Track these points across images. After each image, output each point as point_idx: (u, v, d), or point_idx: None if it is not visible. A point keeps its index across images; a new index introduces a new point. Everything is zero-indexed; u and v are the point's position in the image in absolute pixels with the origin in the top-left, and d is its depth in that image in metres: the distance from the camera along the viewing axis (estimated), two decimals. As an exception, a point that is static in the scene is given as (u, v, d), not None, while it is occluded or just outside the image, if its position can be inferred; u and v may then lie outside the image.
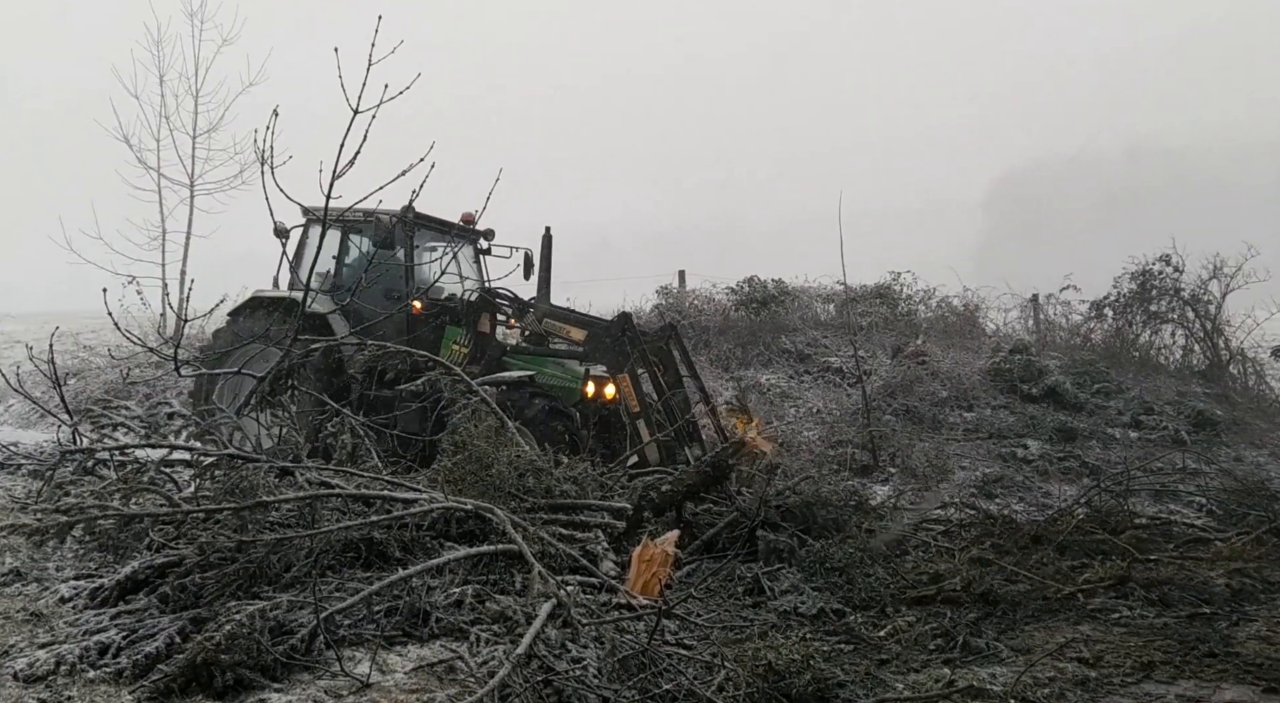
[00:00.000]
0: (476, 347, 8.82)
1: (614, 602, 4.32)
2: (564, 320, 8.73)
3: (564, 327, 8.63)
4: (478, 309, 8.97)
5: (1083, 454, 10.55)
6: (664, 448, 7.59)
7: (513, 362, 8.63)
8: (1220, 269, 14.42)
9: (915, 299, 16.95)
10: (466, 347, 8.87)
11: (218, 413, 6.71)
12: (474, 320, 8.93)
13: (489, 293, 9.16)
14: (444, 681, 3.38)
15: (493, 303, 9.05)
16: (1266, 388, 14.30)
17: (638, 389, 7.81)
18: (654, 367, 8.10)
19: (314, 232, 9.46)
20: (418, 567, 3.91)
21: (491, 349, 8.80)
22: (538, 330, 8.82)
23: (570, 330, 8.54)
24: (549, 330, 8.74)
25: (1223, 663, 3.80)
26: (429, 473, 5.29)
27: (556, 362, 8.70)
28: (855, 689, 3.55)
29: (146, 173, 16.18)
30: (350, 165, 3.96)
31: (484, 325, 8.93)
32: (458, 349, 8.92)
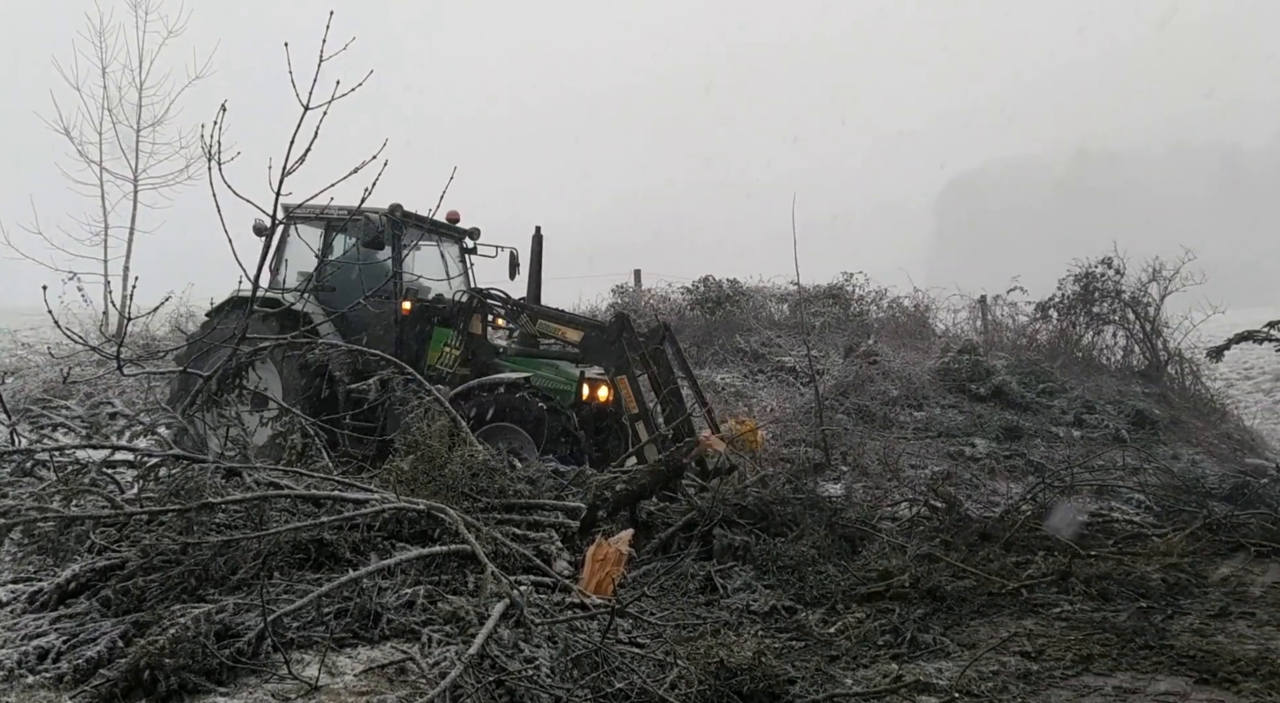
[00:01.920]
0: (468, 349, 8.69)
1: (568, 601, 4.32)
2: (559, 322, 8.66)
3: (559, 328, 8.55)
4: (469, 310, 8.84)
5: (1028, 453, 10.79)
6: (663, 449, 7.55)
7: (505, 364, 8.53)
8: (1159, 272, 14.85)
9: (867, 300, 17.20)
10: (458, 349, 8.74)
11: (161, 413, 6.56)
12: (465, 322, 8.79)
13: (481, 294, 9.03)
14: (395, 682, 3.35)
15: (484, 304, 8.91)
16: (1202, 388, 14.77)
17: (636, 391, 7.77)
18: (650, 368, 8.08)
19: (294, 229, 9.23)
20: (369, 568, 3.87)
21: (483, 351, 8.69)
22: (531, 331, 8.72)
23: (566, 332, 8.47)
24: (543, 332, 8.64)
25: (1158, 655, 3.92)
26: (381, 473, 5.23)
27: (549, 364, 8.61)
28: (805, 686, 3.59)
29: (88, 166, 15.79)
30: (300, 162, 3.91)
31: (475, 327, 8.79)
32: (449, 351, 8.79)
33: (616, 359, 7.90)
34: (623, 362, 7.84)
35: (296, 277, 9.32)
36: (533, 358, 8.67)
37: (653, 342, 8.36)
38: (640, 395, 7.76)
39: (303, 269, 9.23)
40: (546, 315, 8.80)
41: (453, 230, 9.76)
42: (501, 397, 7.80)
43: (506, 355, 8.69)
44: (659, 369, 8.15)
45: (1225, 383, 16.73)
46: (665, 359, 8.31)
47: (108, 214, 15.73)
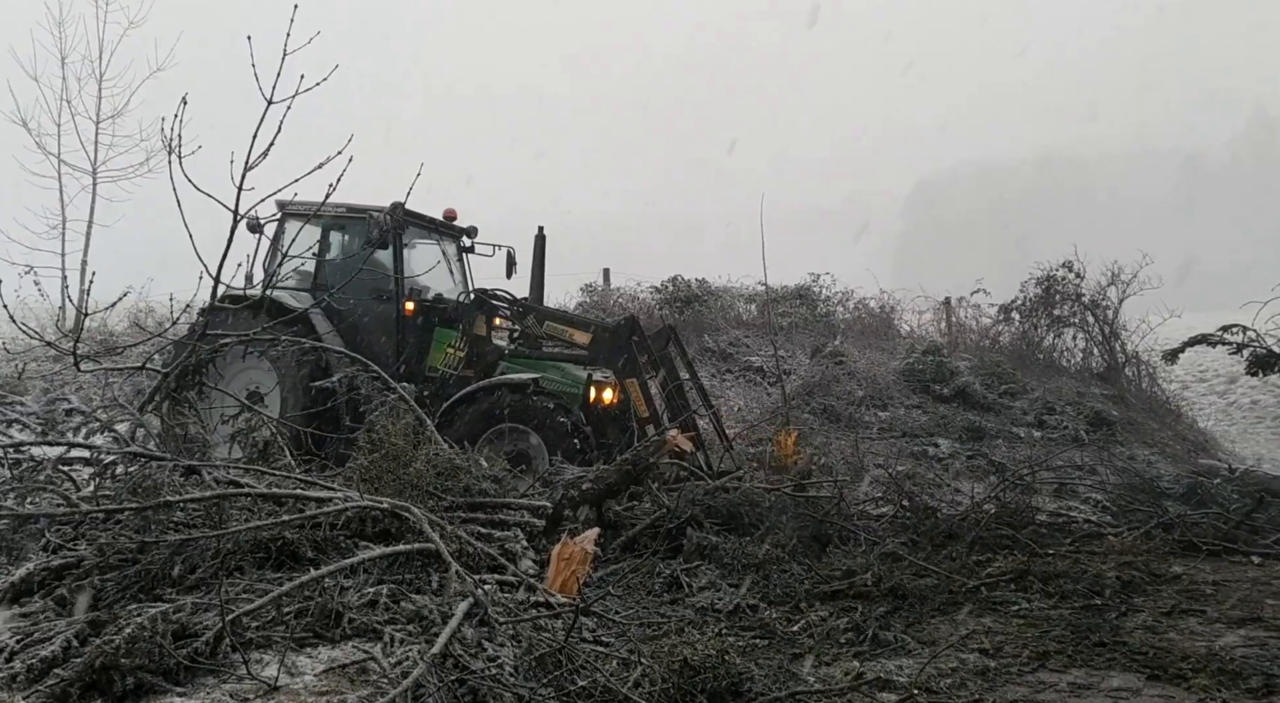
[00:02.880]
0: (472, 350, 8.57)
1: (532, 600, 4.32)
2: (568, 323, 8.58)
3: (567, 330, 8.45)
4: (473, 311, 8.72)
5: (990, 453, 10.94)
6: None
7: (509, 366, 8.43)
8: (1118, 276, 15.14)
9: (834, 301, 17.35)
10: (462, 350, 8.61)
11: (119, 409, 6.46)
12: (469, 323, 8.67)
13: (486, 294, 8.90)
14: (356, 682, 3.33)
15: (489, 305, 8.77)
16: (1158, 390, 15.08)
17: (646, 394, 7.70)
18: (658, 369, 8.02)
19: (290, 226, 9.04)
20: (330, 567, 3.84)
21: (488, 353, 8.56)
22: (538, 333, 8.60)
23: (574, 334, 8.37)
24: (550, 333, 8.53)
25: (1111, 652, 4.00)
26: (344, 472, 5.19)
27: (555, 366, 8.51)
28: (768, 683, 3.62)
29: (46, 158, 15.44)
30: (264, 157, 3.86)
31: (479, 328, 8.65)
32: (452, 352, 8.66)
33: (626, 361, 7.82)
34: (633, 364, 7.76)
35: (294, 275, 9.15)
36: (537, 360, 8.55)
37: (659, 343, 8.31)
38: (651, 398, 7.69)
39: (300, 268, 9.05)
40: (554, 317, 8.71)
41: (450, 229, 9.62)
42: (511, 398, 7.74)
43: (511, 357, 8.57)
44: (665, 371, 8.10)
45: (1180, 385, 17.10)
46: (671, 361, 8.26)
47: (65, 207, 15.42)
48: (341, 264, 9.05)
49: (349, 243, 9.24)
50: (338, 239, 9.23)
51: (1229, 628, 4.33)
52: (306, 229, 9.08)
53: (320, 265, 8.98)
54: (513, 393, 7.79)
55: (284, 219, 9.02)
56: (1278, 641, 4.11)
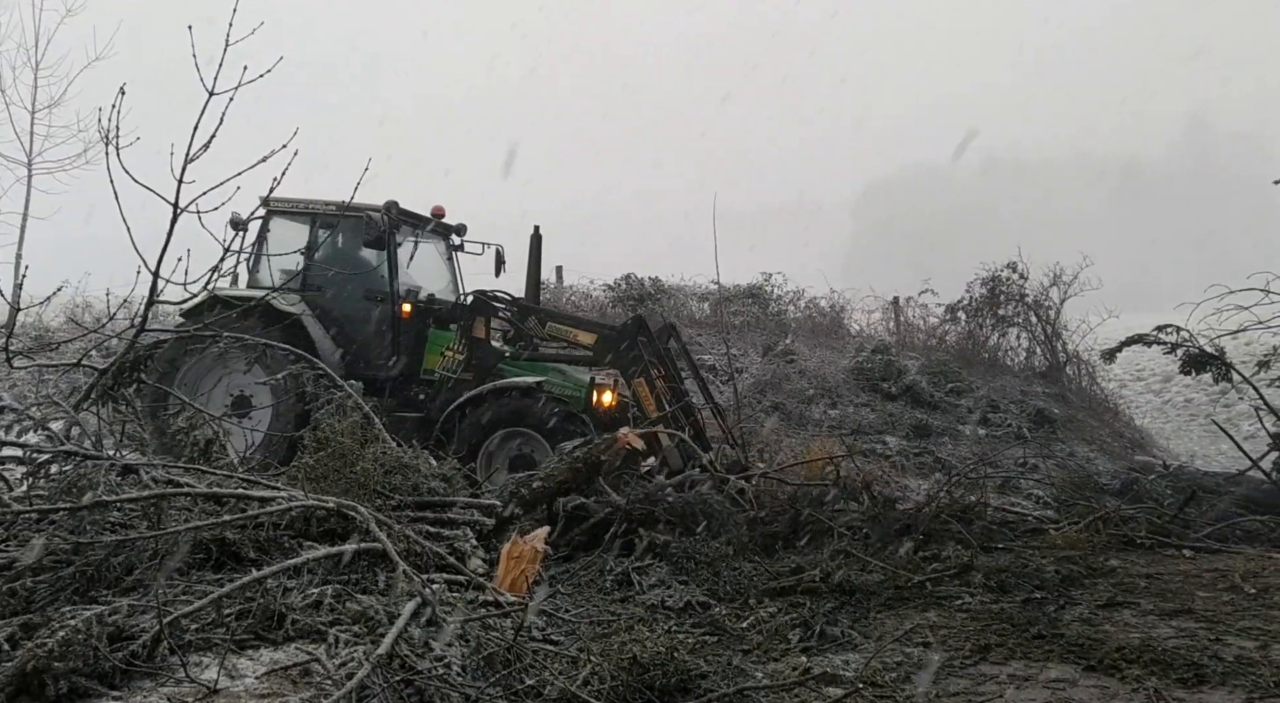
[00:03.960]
0: (471, 353, 8.42)
1: (481, 599, 4.29)
2: (571, 325, 8.47)
3: (572, 331, 8.33)
4: (472, 313, 8.55)
5: (936, 450, 11.14)
6: (682, 451, 7.41)
7: (509, 369, 8.30)
8: (1060, 277, 15.53)
9: (785, 300, 17.55)
10: (461, 353, 8.44)
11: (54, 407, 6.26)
12: (468, 325, 8.51)
13: (485, 296, 8.73)
14: (298, 684, 3.27)
15: (489, 306, 8.61)
16: (1097, 388, 15.50)
17: (655, 394, 7.60)
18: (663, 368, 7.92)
19: (276, 224, 8.86)
20: (273, 567, 3.77)
21: (487, 356, 8.41)
22: (539, 335, 8.45)
23: (579, 335, 8.26)
24: (553, 335, 8.40)
25: (1049, 644, 4.09)
26: (289, 471, 5.10)
27: (555, 368, 8.40)
28: (717, 680, 3.64)
29: (-22, 149, 14.92)
30: (205, 149, 3.77)
31: (479, 330, 8.49)
32: (451, 355, 8.48)
33: (633, 362, 7.73)
34: (640, 365, 7.68)
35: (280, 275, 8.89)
36: (538, 363, 8.43)
37: (660, 341, 8.25)
38: (661, 398, 7.59)
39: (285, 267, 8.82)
40: (557, 318, 8.61)
41: (440, 227, 9.43)
42: (516, 402, 7.65)
43: (511, 361, 8.43)
44: (669, 368, 8.01)
45: (1119, 384, 17.58)
46: (672, 358, 8.21)
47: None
48: (332, 264, 8.85)
49: (340, 242, 9.04)
50: (327, 238, 9.01)
51: (1161, 620, 4.46)
52: (294, 227, 8.91)
53: (309, 265, 8.76)
54: (518, 397, 7.71)
55: (268, 216, 8.82)
56: (1207, 631, 4.24)
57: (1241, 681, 3.59)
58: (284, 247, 8.64)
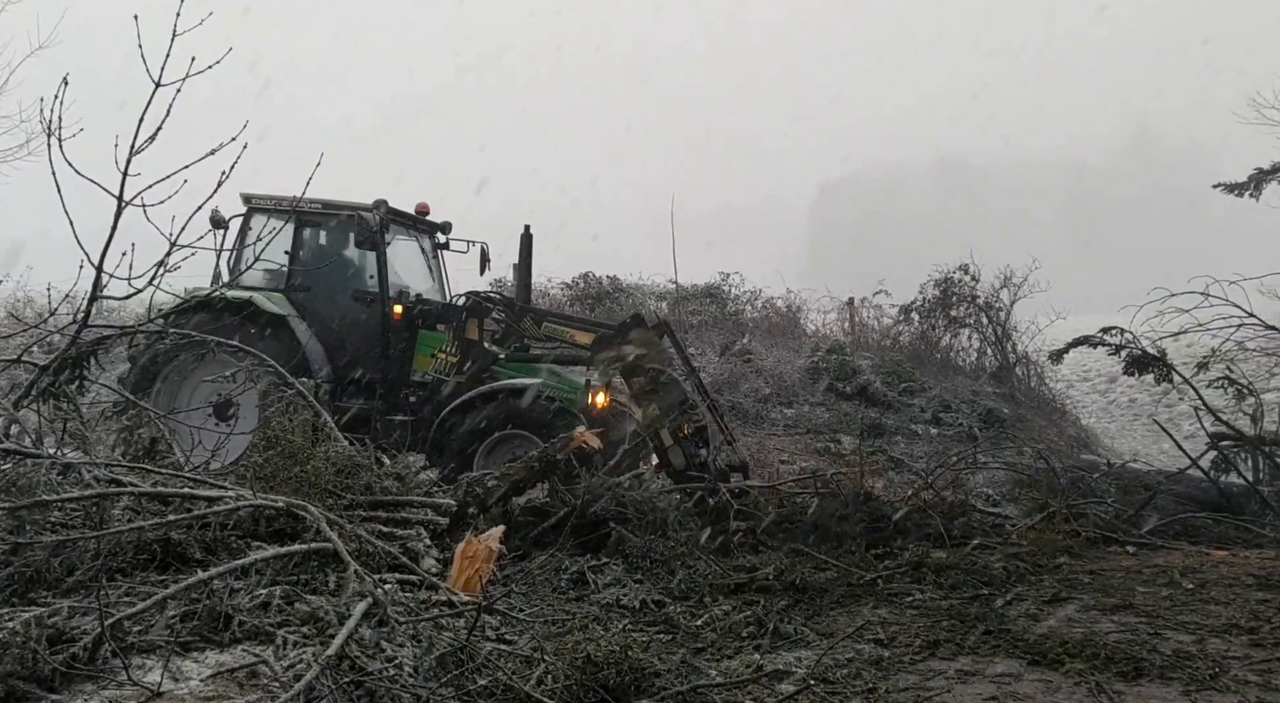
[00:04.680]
0: (464, 355, 8.26)
1: (434, 599, 4.25)
2: (568, 325, 8.36)
3: (569, 331, 8.19)
4: (465, 314, 8.39)
5: (889, 449, 11.29)
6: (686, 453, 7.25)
7: (503, 371, 8.18)
8: (1010, 279, 15.84)
9: (743, 299, 17.67)
10: (454, 355, 8.28)
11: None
12: (461, 326, 8.36)
13: (478, 296, 8.61)
14: (245, 686, 3.21)
15: (482, 307, 8.46)
16: (1046, 389, 15.84)
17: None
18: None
19: (257, 221, 8.64)
20: (220, 568, 3.70)
21: (480, 357, 8.24)
22: (535, 335, 8.35)
23: (576, 335, 8.11)
24: (549, 335, 8.28)
25: (996, 639, 4.18)
26: (237, 470, 5.01)
27: (550, 370, 8.31)
28: (671, 678, 3.65)
29: (-87, 140, 14.41)
30: (151, 141, 3.69)
31: (471, 331, 8.33)
32: (444, 357, 8.32)
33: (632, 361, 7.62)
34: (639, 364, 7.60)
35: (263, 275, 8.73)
36: (532, 365, 8.35)
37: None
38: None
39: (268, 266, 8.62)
40: (554, 318, 8.50)
41: (426, 225, 9.29)
42: (513, 404, 7.57)
43: (505, 362, 8.31)
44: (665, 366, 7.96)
45: (1066, 384, 17.98)
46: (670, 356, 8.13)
47: (-66, 190, 14.43)
48: (317, 263, 8.69)
49: (326, 241, 8.87)
50: (312, 237, 8.84)
51: (1103, 615, 4.57)
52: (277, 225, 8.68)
53: (293, 264, 8.59)
54: (515, 399, 7.64)
55: (249, 214, 8.64)
56: (1147, 626, 4.36)
57: (1178, 674, 3.70)
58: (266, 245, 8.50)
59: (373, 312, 8.45)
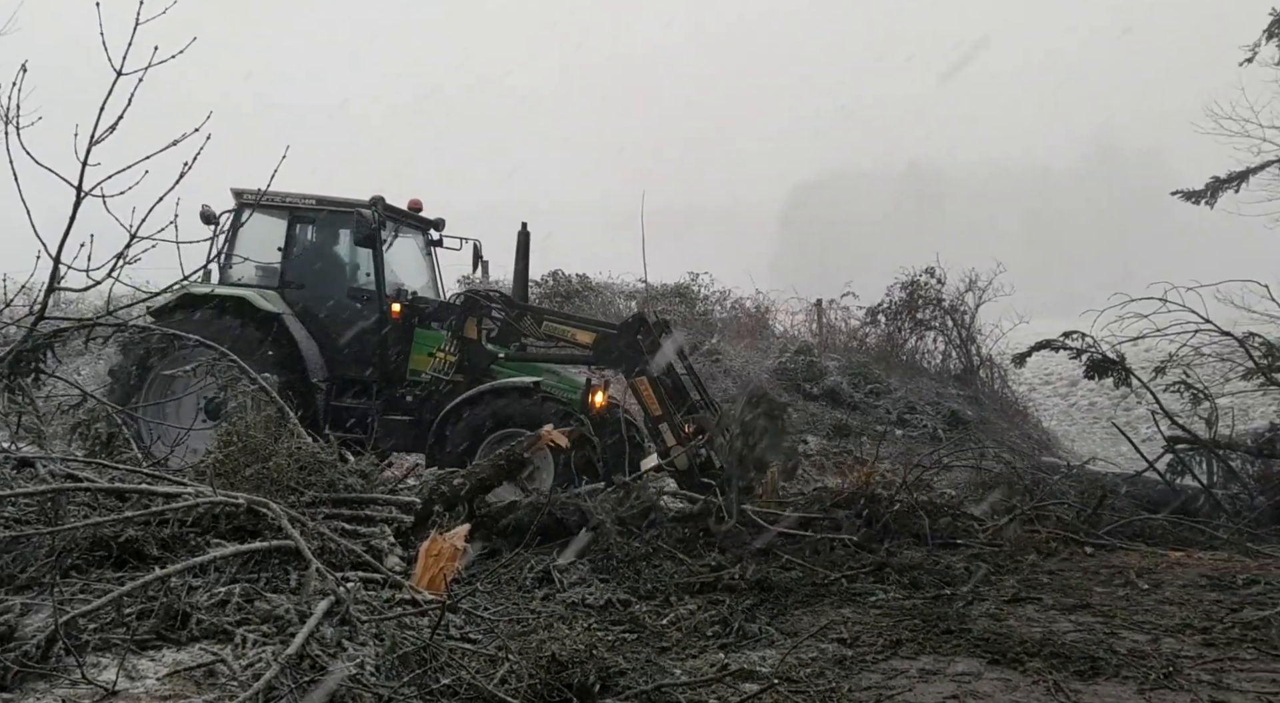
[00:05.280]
0: (463, 354, 8.14)
1: (398, 598, 4.21)
2: (569, 324, 8.28)
3: (569, 330, 8.12)
4: (464, 312, 8.27)
5: (855, 450, 11.38)
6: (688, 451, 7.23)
7: (501, 370, 8.08)
8: (975, 283, 16.04)
9: (712, 300, 17.72)
10: (454, 355, 8.14)
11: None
12: (460, 325, 8.23)
13: (477, 294, 8.51)
14: (202, 685, 3.16)
15: (480, 305, 8.35)
16: (1009, 391, 16.06)
17: (658, 392, 7.43)
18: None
19: (248, 217, 8.46)
20: (178, 566, 3.63)
21: (479, 357, 8.14)
22: (535, 334, 8.26)
23: (577, 334, 8.05)
24: (550, 334, 8.20)
25: (957, 639, 4.23)
26: (197, 466, 4.93)
27: (549, 370, 8.25)
28: (635, 677, 3.65)
29: None
30: (111, 131, 3.62)
31: (470, 330, 8.23)
32: (443, 356, 8.17)
33: (634, 360, 7.57)
34: (642, 363, 7.51)
35: (255, 272, 8.59)
36: (531, 365, 8.27)
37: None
38: (664, 397, 7.44)
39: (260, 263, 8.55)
40: (554, 317, 8.43)
41: (420, 222, 9.17)
42: (515, 403, 7.50)
43: (503, 361, 8.22)
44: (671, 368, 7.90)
45: (1029, 387, 18.25)
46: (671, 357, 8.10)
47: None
48: (311, 260, 8.55)
49: (320, 237, 8.74)
50: (306, 233, 8.68)
51: (1062, 614, 4.65)
52: (269, 222, 8.57)
53: (286, 261, 8.44)
54: (515, 398, 7.57)
55: (240, 210, 8.46)
56: (1103, 625, 4.43)
57: (1133, 672, 3.77)
58: (257, 242, 8.33)
59: (369, 310, 8.36)
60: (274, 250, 8.46)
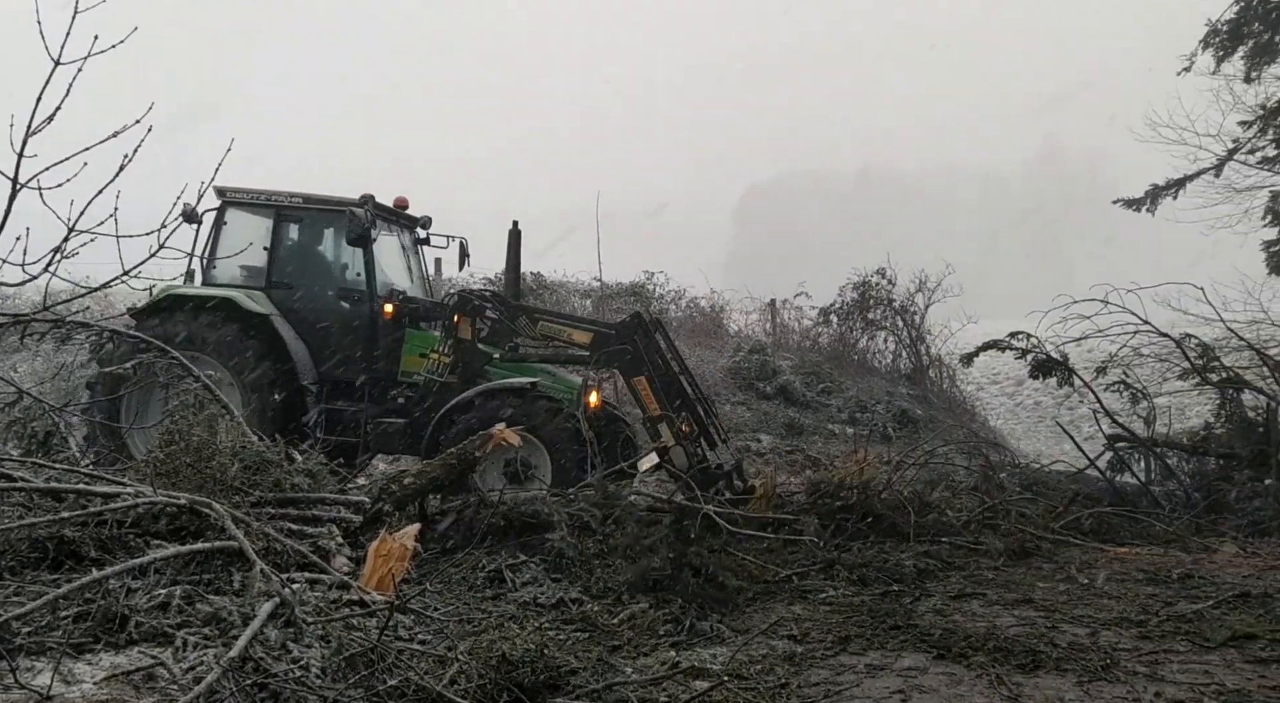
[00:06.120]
0: (457, 355, 7.98)
1: (345, 599, 4.15)
2: (565, 324, 8.17)
3: (566, 330, 8.01)
4: (458, 312, 8.09)
5: (806, 448, 11.49)
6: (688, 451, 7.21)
7: (496, 371, 7.95)
8: (925, 284, 16.30)
9: (667, 299, 17.76)
10: (448, 356, 7.99)
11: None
12: (454, 325, 8.05)
13: (471, 294, 8.33)
14: (141, 689, 3.09)
15: (474, 305, 8.17)
16: (957, 390, 16.35)
17: (657, 392, 7.36)
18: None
19: (233, 216, 8.28)
20: (116, 567, 3.54)
21: (473, 358, 7.99)
22: (530, 334, 8.11)
23: (573, 334, 7.94)
24: (545, 334, 8.07)
25: (904, 634, 4.29)
26: (136, 465, 4.81)
27: (544, 370, 8.11)
28: (586, 676, 3.64)
29: None
30: (49, 121, 3.50)
31: (464, 331, 8.05)
32: (436, 358, 8.01)
33: (632, 360, 7.49)
34: (640, 362, 7.45)
35: (240, 272, 8.36)
36: (526, 365, 8.14)
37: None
38: (662, 397, 7.37)
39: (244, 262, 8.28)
40: (550, 317, 8.31)
41: (407, 220, 9.00)
42: (513, 404, 7.38)
43: (497, 362, 8.08)
44: (669, 366, 7.77)
45: (976, 386, 18.58)
46: (661, 353, 8.07)
47: None
48: (299, 260, 8.38)
49: (308, 236, 8.55)
50: (293, 233, 8.49)
51: (1005, 610, 4.74)
52: (253, 220, 8.37)
53: (273, 261, 8.24)
54: (512, 399, 7.47)
55: (224, 208, 8.27)
56: (1044, 620, 4.54)
57: (1073, 665, 3.86)
58: (242, 241, 8.08)
59: (360, 310, 8.22)
60: (259, 250, 8.27)
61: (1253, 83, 12.22)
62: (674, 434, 7.26)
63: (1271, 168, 12.39)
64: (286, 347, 7.86)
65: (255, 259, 8.29)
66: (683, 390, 7.62)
